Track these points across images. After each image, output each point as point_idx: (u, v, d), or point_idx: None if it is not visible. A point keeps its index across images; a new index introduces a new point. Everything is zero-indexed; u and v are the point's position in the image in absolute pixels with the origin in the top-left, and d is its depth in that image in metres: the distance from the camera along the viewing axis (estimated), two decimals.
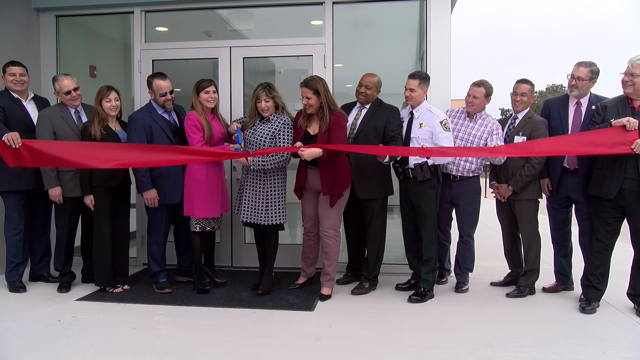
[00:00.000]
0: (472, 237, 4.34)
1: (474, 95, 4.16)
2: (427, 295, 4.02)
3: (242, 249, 5.09)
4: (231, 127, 4.17)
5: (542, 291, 4.23)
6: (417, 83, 4.02)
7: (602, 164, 3.71)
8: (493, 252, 5.55)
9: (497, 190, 4.22)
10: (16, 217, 4.23)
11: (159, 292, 4.17)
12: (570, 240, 4.21)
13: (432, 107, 4.08)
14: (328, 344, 3.15)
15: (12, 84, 4.20)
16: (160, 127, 4.10)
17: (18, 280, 4.29)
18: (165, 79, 4.14)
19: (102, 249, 4.09)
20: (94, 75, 5.76)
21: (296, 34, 5.11)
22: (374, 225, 4.23)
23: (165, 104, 4.15)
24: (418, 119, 4.04)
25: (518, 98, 4.13)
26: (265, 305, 3.86)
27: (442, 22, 4.74)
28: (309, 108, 3.89)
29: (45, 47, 5.30)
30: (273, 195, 4.03)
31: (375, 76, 4.22)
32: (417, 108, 4.07)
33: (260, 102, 3.98)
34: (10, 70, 4.21)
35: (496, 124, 4.18)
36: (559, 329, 3.40)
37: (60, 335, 3.26)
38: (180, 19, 5.41)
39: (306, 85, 3.89)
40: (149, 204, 4.14)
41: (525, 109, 4.15)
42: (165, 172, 4.15)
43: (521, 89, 4.12)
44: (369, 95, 4.18)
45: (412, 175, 4.00)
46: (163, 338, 3.25)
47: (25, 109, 4.26)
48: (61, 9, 5.25)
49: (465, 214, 4.27)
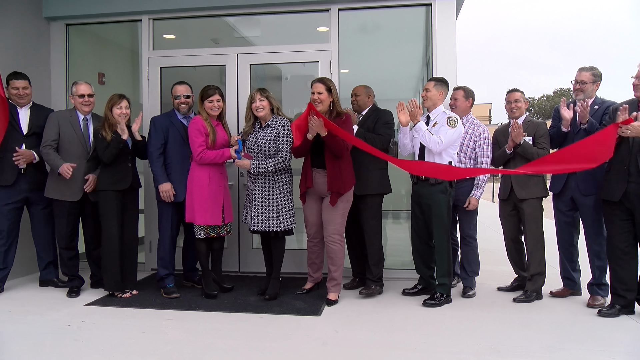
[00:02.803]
0: (474, 238, 4.38)
1: (454, 97, 4.35)
2: (444, 301, 4.02)
3: (249, 254, 5.11)
4: (232, 139, 4.19)
5: (550, 295, 4.22)
6: (433, 84, 4.09)
7: (609, 167, 3.72)
8: (499, 256, 5.52)
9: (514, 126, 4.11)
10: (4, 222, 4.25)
11: (167, 297, 4.20)
12: (577, 245, 4.21)
13: (447, 110, 4.11)
14: (335, 348, 3.16)
15: (16, 98, 4.32)
16: (177, 130, 4.28)
17: None
18: (182, 84, 4.36)
19: (111, 253, 4.12)
20: (103, 82, 5.82)
21: (302, 40, 5.16)
22: (370, 224, 4.27)
23: (179, 107, 4.32)
24: (433, 121, 4.07)
25: (513, 105, 4.26)
26: (272, 310, 3.88)
27: (447, 27, 4.77)
28: (319, 104, 3.94)
29: (55, 55, 5.38)
30: (282, 200, 4.06)
31: (363, 85, 4.41)
32: (434, 111, 4.10)
33: (255, 101, 4.03)
34: (13, 84, 4.31)
35: (483, 127, 4.34)
36: (567, 334, 3.39)
37: (70, 339, 3.29)
38: (188, 27, 5.47)
39: (320, 81, 4.01)
40: (164, 197, 4.21)
41: (523, 114, 4.27)
42: (172, 170, 4.27)
43: (514, 97, 4.27)
44: (360, 102, 4.39)
45: (424, 178, 4.02)
46: (171, 342, 3.27)
47: (17, 115, 4.33)
48: (71, 18, 5.33)
49: (464, 215, 4.33)
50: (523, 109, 4.27)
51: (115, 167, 4.11)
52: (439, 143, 3.90)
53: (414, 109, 3.98)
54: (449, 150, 4.00)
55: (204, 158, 4.03)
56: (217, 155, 4.06)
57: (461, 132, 4.04)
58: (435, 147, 3.91)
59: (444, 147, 3.93)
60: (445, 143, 3.91)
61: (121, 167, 4.14)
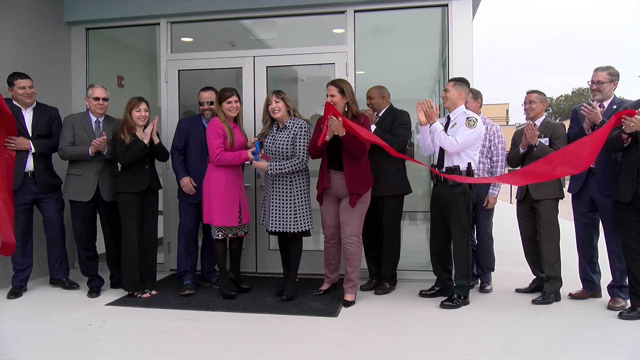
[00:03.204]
0: (490, 236, 4.46)
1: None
2: (461, 302, 4.00)
3: (266, 255, 5.14)
4: (249, 142, 4.23)
5: (569, 297, 4.18)
6: (452, 84, 4.07)
7: (621, 168, 3.72)
8: (516, 258, 5.48)
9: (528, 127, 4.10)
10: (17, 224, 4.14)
11: (182, 294, 4.28)
12: (596, 247, 4.16)
13: (468, 111, 4.08)
14: (352, 349, 3.17)
15: (23, 97, 4.28)
16: (197, 133, 4.40)
17: (18, 286, 4.31)
18: (207, 91, 4.49)
19: (130, 254, 4.18)
20: (122, 85, 5.91)
21: (318, 42, 5.17)
22: (389, 224, 4.32)
23: (203, 113, 4.44)
24: (453, 121, 4.05)
25: (527, 107, 4.28)
26: (289, 310, 3.90)
27: (463, 28, 4.75)
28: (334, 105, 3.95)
29: (75, 59, 5.49)
30: (300, 201, 4.10)
31: (376, 87, 4.44)
32: (454, 111, 4.07)
33: (271, 103, 4.08)
34: (20, 84, 4.26)
35: (496, 126, 4.44)
36: (586, 337, 3.36)
37: (91, 338, 3.35)
38: (205, 30, 5.53)
39: (333, 83, 4.02)
40: (186, 190, 4.34)
41: (539, 115, 4.26)
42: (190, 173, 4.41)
43: (529, 98, 4.29)
44: (375, 104, 4.43)
45: (444, 179, 4.00)
46: (190, 342, 3.32)
47: (23, 117, 4.31)
48: (91, 22, 5.43)
49: (482, 213, 4.39)
50: (539, 110, 4.25)
51: (133, 169, 4.18)
52: (454, 144, 3.86)
53: (429, 110, 3.96)
54: (468, 151, 3.95)
55: (221, 160, 4.07)
56: (235, 157, 4.10)
57: (481, 132, 3.99)
58: (451, 147, 3.88)
59: (461, 148, 3.89)
60: (462, 144, 3.87)
61: (139, 169, 4.20)
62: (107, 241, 4.49)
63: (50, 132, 4.45)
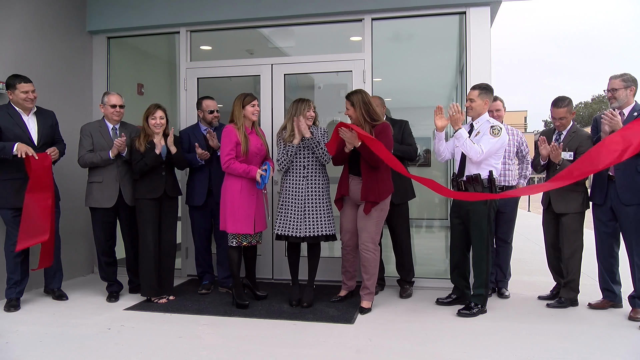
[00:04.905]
0: (509, 243, 4.51)
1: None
2: (479, 311, 3.96)
3: (283, 262, 5.15)
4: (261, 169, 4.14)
5: (588, 307, 4.12)
6: (477, 93, 4.01)
7: None
8: (535, 266, 5.43)
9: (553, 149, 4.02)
10: (15, 234, 4.04)
11: (198, 292, 4.53)
12: (617, 256, 4.10)
13: (492, 120, 4.04)
14: (368, 356, 3.17)
15: (25, 102, 4.12)
16: (198, 141, 4.53)
17: (15, 298, 4.13)
18: (210, 99, 4.59)
19: (147, 259, 4.23)
20: (142, 92, 6.00)
21: (336, 50, 5.20)
22: (402, 231, 4.46)
23: (212, 120, 4.57)
24: (476, 130, 4.01)
25: (557, 123, 4.21)
26: (305, 317, 3.91)
27: (481, 35, 4.74)
28: (350, 118, 4.05)
29: (97, 67, 5.60)
30: (329, 205, 4.20)
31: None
32: (478, 120, 4.04)
33: (310, 110, 4.14)
34: (23, 88, 4.09)
35: (520, 134, 4.48)
36: (606, 347, 3.31)
37: (110, 342, 3.40)
38: (224, 38, 5.61)
39: (346, 97, 4.07)
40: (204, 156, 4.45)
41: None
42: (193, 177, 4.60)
43: (558, 114, 4.17)
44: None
45: (464, 188, 3.98)
46: (207, 347, 3.34)
47: (25, 123, 4.16)
48: (112, 31, 5.54)
49: (504, 221, 4.43)
50: (569, 121, 4.18)
51: (149, 176, 4.24)
52: (480, 152, 3.83)
53: (456, 114, 3.89)
54: (490, 160, 3.91)
55: (230, 168, 4.07)
56: (244, 171, 4.06)
57: (505, 141, 3.96)
58: (476, 156, 3.84)
59: (485, 157, 3.86)
60: (486, 152, 3.84)
61: (155, 176, 4.26)
62: (127, 247, 4.54)
63: (53, 138, 4.38)
